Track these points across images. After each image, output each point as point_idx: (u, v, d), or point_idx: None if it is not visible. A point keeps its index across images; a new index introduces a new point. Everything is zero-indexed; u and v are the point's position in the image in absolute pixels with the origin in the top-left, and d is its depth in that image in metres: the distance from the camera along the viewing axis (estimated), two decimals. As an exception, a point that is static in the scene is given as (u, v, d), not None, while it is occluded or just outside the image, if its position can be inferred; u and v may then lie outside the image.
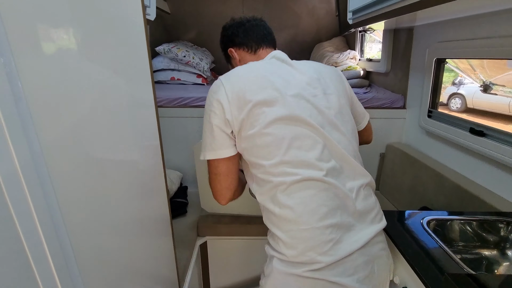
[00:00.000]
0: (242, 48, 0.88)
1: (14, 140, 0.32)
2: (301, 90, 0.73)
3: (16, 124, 0.32)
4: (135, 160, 0.67)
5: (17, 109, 0.33)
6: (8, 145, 0.32)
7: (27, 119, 0.34)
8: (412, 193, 1.45)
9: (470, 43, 1.11)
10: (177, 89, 1.88)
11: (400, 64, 1.68)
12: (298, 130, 0.69)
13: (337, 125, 0.74)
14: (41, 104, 0.37)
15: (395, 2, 0.96)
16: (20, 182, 0.33)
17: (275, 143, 0.68)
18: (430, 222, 0.82)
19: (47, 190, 0.37)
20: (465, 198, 1.09)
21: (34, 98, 0.35)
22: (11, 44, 0.32)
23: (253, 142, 0.69)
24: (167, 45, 2.11)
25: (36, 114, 0.35)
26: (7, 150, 0.31)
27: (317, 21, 2.51)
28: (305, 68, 0.78)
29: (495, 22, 1.01)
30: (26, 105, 0.34)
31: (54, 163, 0.38)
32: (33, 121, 0.35)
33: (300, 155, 0.68)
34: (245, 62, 0.85)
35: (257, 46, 0.87)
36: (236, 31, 0.88)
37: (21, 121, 0.33)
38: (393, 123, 1.69)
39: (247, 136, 0.70)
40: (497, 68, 4.28)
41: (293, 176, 0.67)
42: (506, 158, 0.97)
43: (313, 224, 0.65)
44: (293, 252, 0.66)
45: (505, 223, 0.81)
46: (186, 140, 1.69)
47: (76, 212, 0.43)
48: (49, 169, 0.37)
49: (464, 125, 1.19)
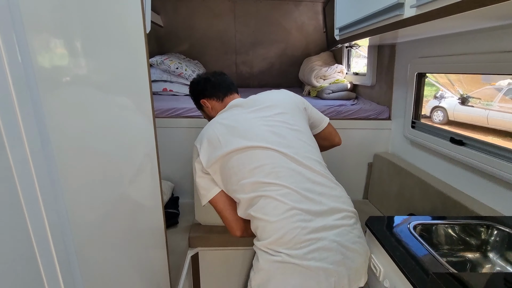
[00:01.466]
0: (212, 98, 1.07)
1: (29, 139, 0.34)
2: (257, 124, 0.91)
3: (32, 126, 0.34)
4: (132, 171, 0.68)
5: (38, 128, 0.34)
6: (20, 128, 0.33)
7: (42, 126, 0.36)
8: (399, 201, 1.50)
9: (447, 59, 1.20)
10: (169, 100, 1.90)
11: (385, 78, 1.78)
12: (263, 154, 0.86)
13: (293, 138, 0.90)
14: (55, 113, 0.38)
15: (377, 21, 1.04)
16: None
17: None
18: (416, 227, 0.85)
19: (57, 195, 0.38)
20: (448, 204, 1.14)
21: (53, 114, 0.37)
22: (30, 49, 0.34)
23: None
24: (159, 57, 2.14)
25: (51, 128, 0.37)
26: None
27: (306, 36, 2.62)
28: (256, 103, 0.97)
29: (469, 40, 1.10)
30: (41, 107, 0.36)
31: (64, 167, 0.39)
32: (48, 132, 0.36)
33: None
34: (215, 109, 1.07)
35: (224, 96, 1.07)
36: (205, 86, 1.09)
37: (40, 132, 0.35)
38: (379, 133, 1.76)
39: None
40: (474, 83, 4.54)
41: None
42: (484, 165, 1.04)
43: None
44: None
45: (485, 226, 0.86)
46: (178, 150, 1.70)
47: (81, 223, 0.44)
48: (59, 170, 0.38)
49: (445, 134, 1.26)
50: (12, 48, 0.32)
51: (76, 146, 0.45)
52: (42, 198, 0.36)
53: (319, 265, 0.71)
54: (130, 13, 0.66)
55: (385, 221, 0.90)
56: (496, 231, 0.84)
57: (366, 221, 0.89)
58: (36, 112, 0.35)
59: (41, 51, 0.38)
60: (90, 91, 0.50)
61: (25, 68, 0.34)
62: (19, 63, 0.33)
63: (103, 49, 0.54)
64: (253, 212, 0.78)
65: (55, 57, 0.42)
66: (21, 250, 0.34)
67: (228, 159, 0.83)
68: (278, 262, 0.72)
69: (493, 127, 4.25)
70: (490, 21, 0.83)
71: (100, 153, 0.53)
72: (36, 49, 0.36)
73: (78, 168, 0.46)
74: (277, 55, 2.68)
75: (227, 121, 0.91)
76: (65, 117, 0.43)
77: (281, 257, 0.72)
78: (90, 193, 0.49)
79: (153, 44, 2.48)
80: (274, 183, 0.78)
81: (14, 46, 0.33)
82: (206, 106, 1.10)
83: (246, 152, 0.82)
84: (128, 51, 0.66)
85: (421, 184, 1.32)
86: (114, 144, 0.59)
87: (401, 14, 0.88)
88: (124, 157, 0.63)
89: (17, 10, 0.33)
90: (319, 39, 2.63)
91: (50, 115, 0.38)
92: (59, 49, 0.43)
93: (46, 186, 0.37)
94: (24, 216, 0.34)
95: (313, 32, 2.60)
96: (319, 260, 0.71)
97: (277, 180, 0.78)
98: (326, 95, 2.09)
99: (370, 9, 1.07)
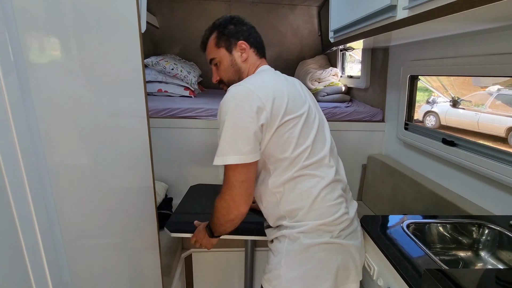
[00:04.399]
0: (253, 49, 0.86)
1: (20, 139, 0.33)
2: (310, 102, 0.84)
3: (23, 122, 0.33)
4: (125, 170, 0.67)
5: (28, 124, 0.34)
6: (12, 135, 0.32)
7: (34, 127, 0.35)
8: (392, 202, 1.51)
9: (438, 62, 1.23)
10: (164, 100, 1.89)
11: (378, 81, 1.80)
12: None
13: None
14: (47, 109, 0.38)
15: (371, 23, 1.06)
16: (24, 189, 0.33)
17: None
18: (409, 226, 0.86)
19: (47, 198, 0.37)
20: (441, 204, 1.15)
21: (44, 109, 0.36)
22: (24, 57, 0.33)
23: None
24: (155, 58, 2.14)
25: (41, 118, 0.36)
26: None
27: (301, 40, 2.64)
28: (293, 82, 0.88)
29: (459, 43, 1.12)
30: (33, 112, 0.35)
31: (54, 169, 0.39)
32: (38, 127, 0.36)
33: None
34: (250, 63, 0.86)
35: (262, 54, 0.90)
36: (250, 31, 0.86)
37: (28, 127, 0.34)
38: (373, 135, 1.78)
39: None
40: (465, 87, 4.64)
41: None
42: (475, 165, 1.06)
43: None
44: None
45: (477, 225, 0.87)
46: (172, 151, 1.69)
47: (72, 222, 0.43)
48: (49, 173, 0.37)
49: (437, 136, 1.28)
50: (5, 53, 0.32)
51: (67, 145, 0.44)
52: (32, 200, 0.35)
53: (353, 243, 0.79)
54: (124, 11, 0.66)
55: (379, 220, 0.91)
56: (487, 230, 0.85)
57: (360, 221, 0.90)
58: (27, 112, 0.35)
59: (33, 49, 0.38)
60: (82, 90, 0.49)
61: (17, 68, 0.33)
62: (11, 62, 0.33)
63: (96, 47, 0.54)
64: (305, 191, 0.76)
65: (46, 54, 0.41)
66: (11, 256, 0.33)
67: (298, 122, 0.75)
68: (325, 244, 0.75)
69: (483, 131, 4.35)
70: (479, 23, 0.86)
71: (92, 152, 0.52)
72: (28, 47, 0.36)
73: (68, 167, 0.45)
74: (273, 58, 2.70)
75: (288, 86, 0.79)
76: (56, 116, 0.42)
77: (327, 238, 0.75)
78: (80, 193, 0.48)
79: (148, 45, 2.47)
80: (329, 166, 0.80)
81: (7, 46, 0.32)
82: (242, 50, 0.85)
83: (316, 127, 0.80)
84: (122, 50, 0.66)
85: (414, 185, 1.34)
86: (107, 144, 0.58)
87: (394, 16, 0.90)
88: (116, 157, 0.62)
89: (10, 7, 0.32)
90: (314, 43, 2.66)
91: (41, 112, 0.38)
92: (51, 46, 0.42)
93: (36, 188, 0.36)
94: (14, 220, 0.33)
95: (308, 36, 2.63)
96: (354, 239, 0.80)
97: (329, 166, 0.80)
98: (321, 98, 2.10)
99: (364, 11, 1.09)
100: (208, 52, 0.88)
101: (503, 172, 0.96)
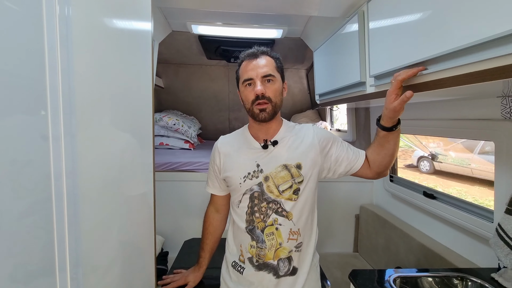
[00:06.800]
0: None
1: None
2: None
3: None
4: (130, 225, 0.74)
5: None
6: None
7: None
8: (386, 254, 1.52)
9: (412, 123, 1.39)
10: (165, 154, 2.02)
11: (363, 135, 1.96)
12: None
13: None
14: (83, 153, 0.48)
15: (347, 93, 1.24)
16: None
17: None
18: (396, 280, 0.90)
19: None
20: (430, 257, 1.19)
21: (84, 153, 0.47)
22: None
23: None
24: (158, 115, 2.33)
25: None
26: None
27: (293, 96, 2.91)
28: None
29: (428, 108, 1.29)
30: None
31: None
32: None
33: None
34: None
35: None
36: None
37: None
38: (363, 186, 1.87)
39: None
40: (442, 140, 4.88)
41: None
42: (455, 218, 1.13)
43: None
44: None
45: (460, 278, 0.91)
46: (171, 203, 1.74)
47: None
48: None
49: (418, 188, 1.37)
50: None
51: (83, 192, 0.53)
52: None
53: None
54: (142, 80, 0.79)
55: (367, 274, 0.94)
56: (470, 282, 0.89)
57: (349, 275, 0.93)
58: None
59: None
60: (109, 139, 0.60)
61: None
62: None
63: (122, 107, 0.66)
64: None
65: (92, 128, 0.53)
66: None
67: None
68: None
69: (478, 176, 4.43)
70: (436, 97, 1.02)
71: (101, 207, 0.61)
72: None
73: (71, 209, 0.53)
74: (267, 112, 2.92)
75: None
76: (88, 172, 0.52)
77: None
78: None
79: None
80: None
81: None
82: (285, 90, 0.87)
83: None
84: (137, 111, 0.78)
85: (404, 237, 1.38)
86: (113, 198, 0.66)
87: (364, 90, 1.07)
88: (123, 211, 0.70)
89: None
90: (304, 99, 2.93)
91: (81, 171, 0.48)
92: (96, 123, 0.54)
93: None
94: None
95: (299, 93, 2.90)
96: None
97: None
98: (312, 150, 2.24)
99: (342, 82, 1.28)
100: (266, 65, 0.81)
101: (479, 226, 1.03)
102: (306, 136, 0.87)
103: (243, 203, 0.85)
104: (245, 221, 0.84)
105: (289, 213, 0.82)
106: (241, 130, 0.95)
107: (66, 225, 0.44)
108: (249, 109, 0.84)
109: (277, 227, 0.81)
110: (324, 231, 1.90)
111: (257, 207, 0.83)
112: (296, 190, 0.82)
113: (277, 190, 0.81)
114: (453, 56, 0.63)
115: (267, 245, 0.81)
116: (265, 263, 0.82)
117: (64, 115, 0.42)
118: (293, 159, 0.83)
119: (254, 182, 0.83)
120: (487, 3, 0.54)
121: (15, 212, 0.36)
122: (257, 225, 0.82)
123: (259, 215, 0.82)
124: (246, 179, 0.83)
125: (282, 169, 0.82)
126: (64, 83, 0.41)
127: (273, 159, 0.83)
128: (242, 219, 0.85)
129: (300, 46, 2.09)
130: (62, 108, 0.41)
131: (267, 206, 0.82)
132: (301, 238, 0.83)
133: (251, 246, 0.83)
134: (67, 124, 0.43)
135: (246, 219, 0.84)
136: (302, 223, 0.83)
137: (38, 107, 0.39)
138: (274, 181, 0.81)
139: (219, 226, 1.00)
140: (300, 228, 0.82)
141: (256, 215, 0.83)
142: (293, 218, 0.82)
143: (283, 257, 0.81)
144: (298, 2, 1.14)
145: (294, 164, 0.82)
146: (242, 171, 0.84)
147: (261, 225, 0.82)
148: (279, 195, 0.81)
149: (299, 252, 0.83)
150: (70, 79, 0.43)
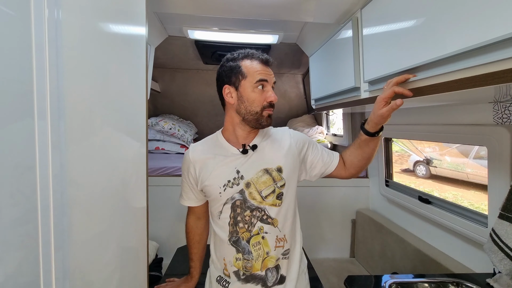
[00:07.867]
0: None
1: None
2: None
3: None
4: (121, 229, 0.73)
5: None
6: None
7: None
8: (383, 259, 1.52)
9: (406, 128, 1.40)
10: (161, 158, 2.00)
11: (359, 140, 1.97)
12: None
13: None
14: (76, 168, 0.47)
15: (342, 98, 1.25)
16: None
17: None
18: (391, 286, 0.89)
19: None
20: (426, 262, 1.19)
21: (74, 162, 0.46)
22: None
23: None
24: (154, 119, 2.32)
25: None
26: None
27: (289, 101, 2.92)
28: None
29: (422, 113, 1.31)
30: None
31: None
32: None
33: None
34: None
35: None
36: None
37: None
38: (359, 191, 1.87)
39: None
40: (438, 145, 4.91)
41: None
42: (450, 223, 1.13)
43: None
44: None
45: (455, 284, 0.90)
46: (166, 209, 1.73)
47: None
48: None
49: (414, 193, 1.38)
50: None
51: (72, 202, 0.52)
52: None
53: None
54: (135, 87, 0.79)
55: (362, 280, 0.94)
56: (465, 288, 0.89)
57: (344, 281, 0.92)
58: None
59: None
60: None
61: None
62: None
63: (118, 113, 0.66)
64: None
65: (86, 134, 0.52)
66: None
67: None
68: None
69: (473, 181, 4.46)
70: (430, 103, 1.03)
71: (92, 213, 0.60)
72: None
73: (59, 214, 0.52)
74: (264, 117, 2.93)
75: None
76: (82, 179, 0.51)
77: None
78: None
79: (149, 107, 2.70)
80: None
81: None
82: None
83: None
84: (130, 116, 0.77)
85: (400, 242, 1.38)
86: (104, 205, 0.66)
87: (358, 95, 1.08)
88: (117, 216, 0.69)
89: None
90: (301, 104, 2.94)
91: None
92: (91, 133, 0.54)
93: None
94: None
95: (295, 98, 2.91)
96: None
97: None
98: (308, 154, 2.24)
99: (337, 87, 1.29)
100: (272, 74, 0.83)
101: (474, 231, 1.03)
102: (283, 139, 0.86)
103: (224, 214, 0.80)
104: (228, 232, 0.80)
105: (275, 219, 0.79)
106: (213, 136, 0.91)
107: (52, 233, 0.43)
108: (256, 112, 0.79)
109: (263, 235, 0.78)
110: (321, 236, 1.89)
111: (240, 217, 0.79)
112: (279, 195, 0.80)
113: (259, 196, 0.78)
114: (444, 62, 0.64)
115: (254, 255, 0.77)
116: (252, 275, 0.78)
117: (52, 121, 0.41)
118: (273, 162, 0.81)
119: (235, 190, 0.79)
120: (478, 11, 0.54)
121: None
122: (242, 235, 0.78)
123: (243, 225, 0.78)
124: (226, 188, 0.79)
125: (263, 173, 0.79)
126: (52, 88, 0.41)
127: (253, 164, 0.80)
128: (224, 230, 0.80)
129: (296, 51, 2.10)
130: (50, 114, 0.40)
131: (251, 214, 0.78)
132: (287, 245, 0.81)
133: (237, 259, 0.79)
134: (54, 131, 0.42)
135: (229, 230, 0.80)
136: (288, 228, 0.81)
137: (24, 113, 0.38)
138: (256, 186, 0.79)
139: (203, 232, 0.96)
140: (286, 234, 0.81)
141: (240, 225, 0.78)
142: (279, 224, 0.79)
143: (271, 267, 0.79)
144: (294, 8, 1.15)
145: (274, 167, 0.80)
146: (222, 179, 0.80)
147: (246, 235, 0.78)
148: (262, 201, 0.79)
149: (286, 260, 0.81)
150: (59, 84, 0.42)
